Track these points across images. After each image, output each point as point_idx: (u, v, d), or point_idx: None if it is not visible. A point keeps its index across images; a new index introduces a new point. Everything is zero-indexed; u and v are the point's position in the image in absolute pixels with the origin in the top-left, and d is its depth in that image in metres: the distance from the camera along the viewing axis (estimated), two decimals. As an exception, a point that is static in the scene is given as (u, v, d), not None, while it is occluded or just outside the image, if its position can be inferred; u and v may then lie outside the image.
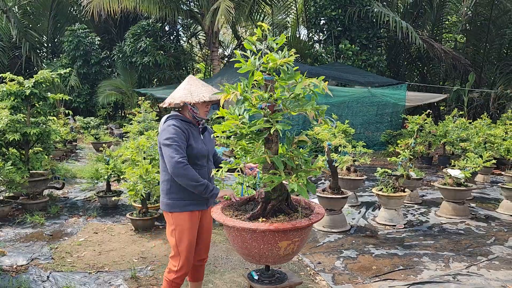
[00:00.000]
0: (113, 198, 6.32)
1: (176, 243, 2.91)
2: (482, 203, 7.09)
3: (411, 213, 6.40)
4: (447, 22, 19.61)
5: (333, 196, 5.42)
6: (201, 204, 2.94)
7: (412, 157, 5.76)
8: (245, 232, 2.43)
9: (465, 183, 6.10)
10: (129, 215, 5.49)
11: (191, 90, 2.89)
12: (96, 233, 5.36)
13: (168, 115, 2.98)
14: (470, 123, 9.51)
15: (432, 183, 8.83)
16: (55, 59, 20.84)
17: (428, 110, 6.97)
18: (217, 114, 2.60)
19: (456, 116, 10.61)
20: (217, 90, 2.90)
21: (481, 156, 6.17)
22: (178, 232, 2.90)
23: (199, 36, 23.44)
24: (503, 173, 7.72)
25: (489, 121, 10.00)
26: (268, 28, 2.58)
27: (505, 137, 6.83)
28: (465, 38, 18.73)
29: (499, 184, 6.69)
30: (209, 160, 3.06)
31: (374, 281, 3.99)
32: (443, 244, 5.02)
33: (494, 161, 6.05)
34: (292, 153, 2.55)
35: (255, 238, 2.41)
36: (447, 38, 20.43)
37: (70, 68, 9.02)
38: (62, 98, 6.92)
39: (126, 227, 5.58)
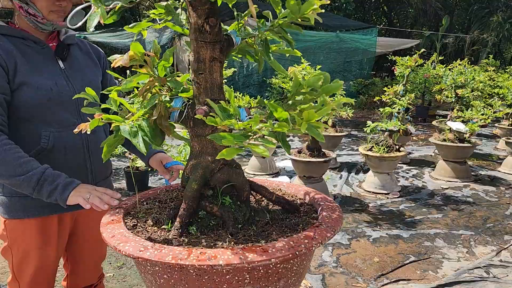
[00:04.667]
0: None
1: (13, 266, 1.58)
2: (478, 161, 6.08)
3: (402, 176, 5.25)
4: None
5: (313, 159, 4.11)
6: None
7: (410, 106, 4.53)
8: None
9: (469, 138, 4.96)
10: None
11: None
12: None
13: None
14: (450, 69, 8.42)
15: (415, 138, 7.77)
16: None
17: (422, 51, 5.70)
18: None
19: (435, 62, 9.47)
20: None
21: (489, 105, 5.02)
22: (18, 252, 1.56)
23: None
24: (496, 125, 6.73)
25: (470, 67, 8.93)
26: None
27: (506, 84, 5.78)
28: (434, -20, 17.49)
29: (504, 138, 5.65)
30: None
31: (383, 285, 2.77)
32: (454, 218, 3.89)
33: (508, 110, 4.94)
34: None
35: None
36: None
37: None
38: None
39: None
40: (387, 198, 4.43)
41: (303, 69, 4.20)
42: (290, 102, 1.09)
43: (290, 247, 0.98)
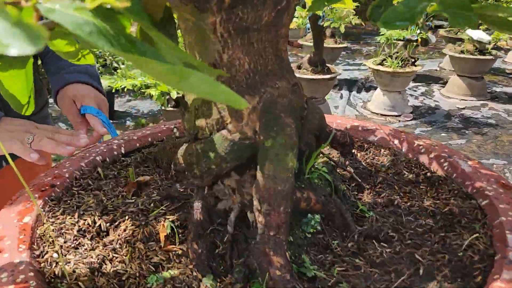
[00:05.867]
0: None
1: None
2: (489, 76, 5.46)
3: (410, 94, 4.60)
4: None
5: (316, 76, 3.37)
6: None
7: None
8: None
9: (490, 50, 4.27)
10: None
11: None
12: None
13: None
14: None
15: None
16: None
17: None
18: None
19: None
20: None
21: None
22: None
23: None
24: (506, 35, 6.03)
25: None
26: None
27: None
28: None
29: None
30: None
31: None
32: (480, 145, 3.33)
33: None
34: None
35: None
36: None
37: None
38: None
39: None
40: (399, 121, 3.82)
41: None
42: None
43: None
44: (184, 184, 0.65)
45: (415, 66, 3.79)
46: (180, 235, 0.59)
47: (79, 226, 0.61)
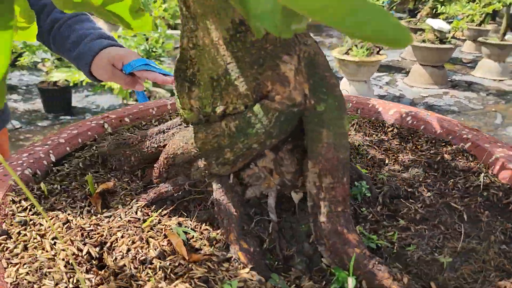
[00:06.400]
0: None
1: None
2: (448, 65, 5.61)
3: (375, 84, 4.64)
4: None
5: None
6: None
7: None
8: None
9: (450, 39, 4.37)
10: None
11: None
12: None
13: None
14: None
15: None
16: None
17: None
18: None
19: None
20: None
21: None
22: None
23: None
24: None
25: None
26: None
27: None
28: None
29: (479, 39, 5.12)
30: None
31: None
32: (445, 131, 3.39)
33: (497, 5, 4.31)
34: None
35: None
36: None
37: None
38: None
39: None
40: (366, 110, 3.83)
41: None
42: None
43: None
44: (180, 180, 0.56)
45: (380, 55, 3.81)
46: (200, 240, 0.49)
47: (63, 259, 0.47)
